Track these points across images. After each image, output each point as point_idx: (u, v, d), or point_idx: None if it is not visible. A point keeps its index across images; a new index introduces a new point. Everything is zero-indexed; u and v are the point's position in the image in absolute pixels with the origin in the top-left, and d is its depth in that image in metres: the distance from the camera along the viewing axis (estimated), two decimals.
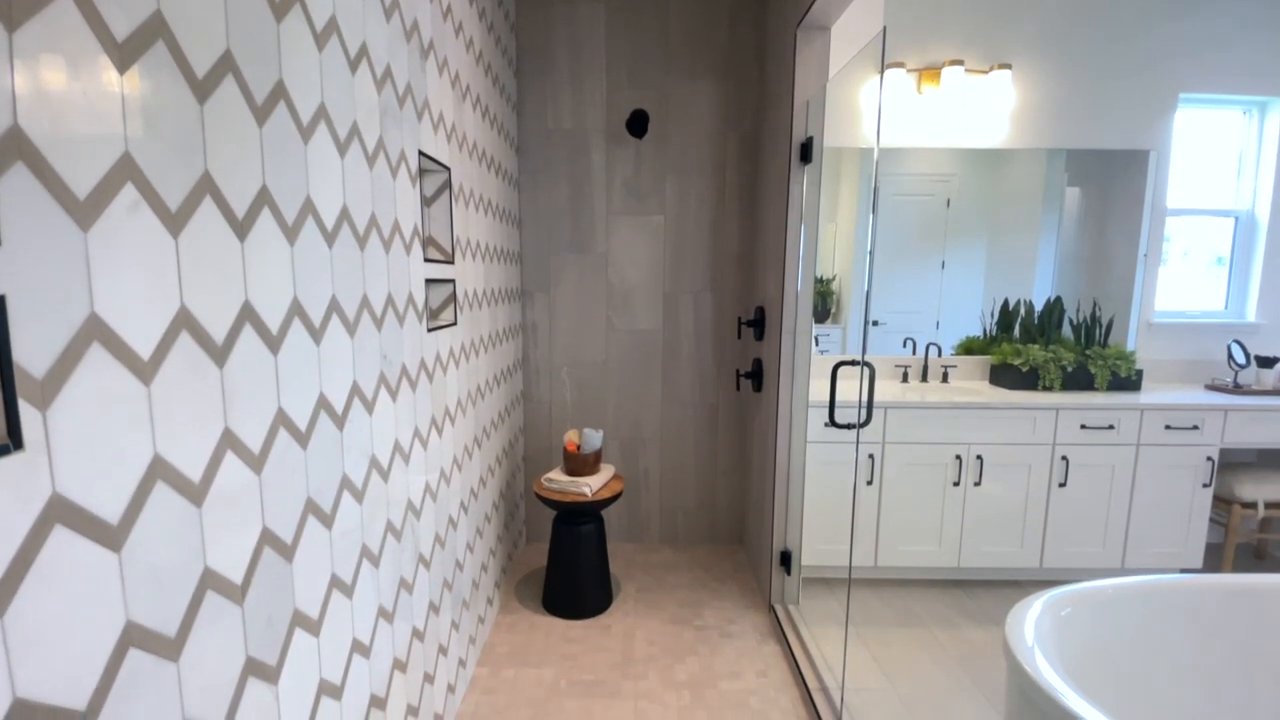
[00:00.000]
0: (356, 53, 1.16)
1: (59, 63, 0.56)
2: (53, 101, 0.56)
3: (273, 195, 0.89)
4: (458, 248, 1.84)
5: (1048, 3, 2.76)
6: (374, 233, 1.24)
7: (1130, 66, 2.82)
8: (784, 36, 2.30)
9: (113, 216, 0.62)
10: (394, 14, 1.34)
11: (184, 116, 0.72)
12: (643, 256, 2.86)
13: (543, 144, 2.79)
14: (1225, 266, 3.08)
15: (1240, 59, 2.83)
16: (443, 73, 1.69)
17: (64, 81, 0.57)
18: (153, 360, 0.67)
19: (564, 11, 2.70)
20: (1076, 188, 2.95)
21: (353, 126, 1.14)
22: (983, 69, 2.77)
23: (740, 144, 2.79)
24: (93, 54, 0.60)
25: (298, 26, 0.96)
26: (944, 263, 3.03)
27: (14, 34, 0.52)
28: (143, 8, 0.66)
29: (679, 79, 2.74)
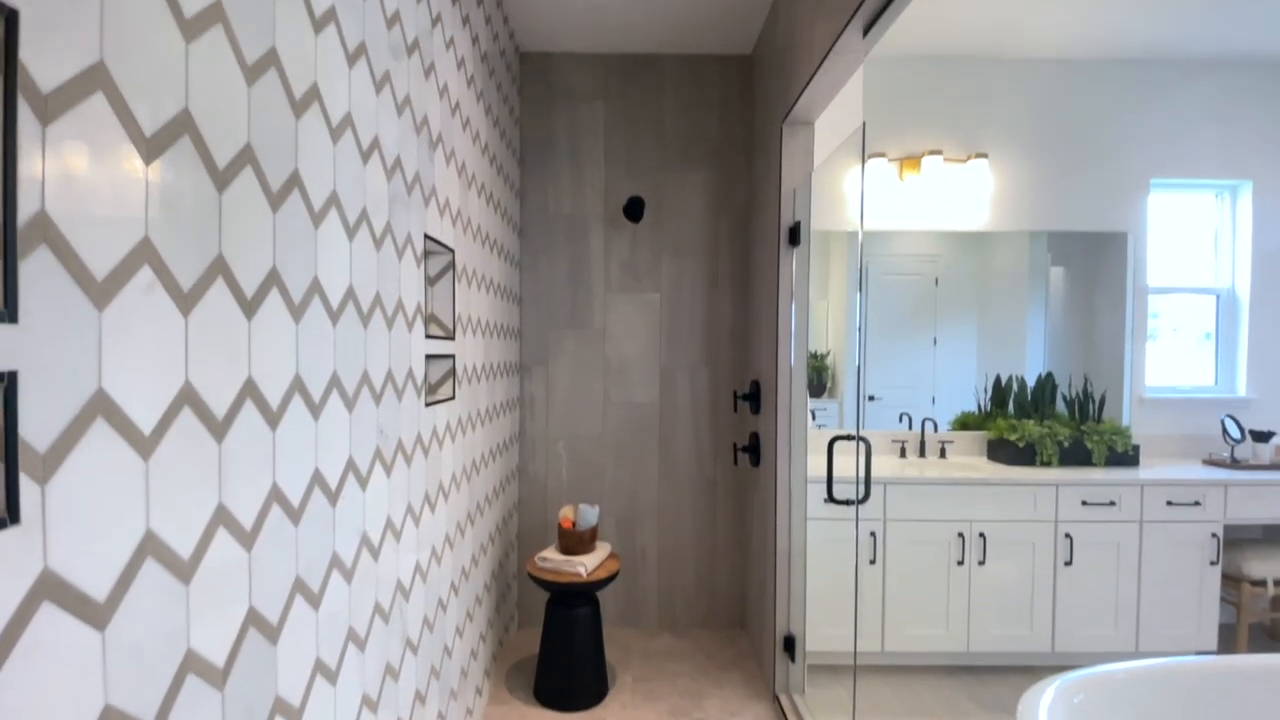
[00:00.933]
0: (369, 145, 1.24)
1: (89, 153, 0.61)
2: (80, 188, 0.60)
3: (282, 276, 0.93)
4: (459, 324, 1.89)
5: (1018, 96, 2.96)
6: (378, 311, 1.28)
7: (1101, 153, 2.98)
8: (770, 130, 2.44)
9: (128, 296, 0.65)
10: (405, 110, 1.43)
11: (203, 203, 0.76)
12: (639, 332, 2.92)
13: (544, 227, 2.90)
14: (1213, 342, 3.14)
15: (1207, 146, 3.00)
16: (450, 162, 1.79)
17: (92, 170, 0.61)
18: (154, 435, 0.68)
19: (565, 108, 2.88)
20: (1060, 267, 3.06)
21: (362, 212, 1.21)
22: (961, 158, 2.93)
23: (732, 227, 2.91)
24: (121, 146, 0.64)
25: (315, 122, 1.03)
26: (936, 339, 3.09)
27: (48, 127, 0.56)
28: (171, 106, 0.71)
29: (673, 169, 2.89)
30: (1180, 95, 2.97)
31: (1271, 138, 3.00)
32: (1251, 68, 2.96)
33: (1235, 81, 2.97)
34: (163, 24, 0.69)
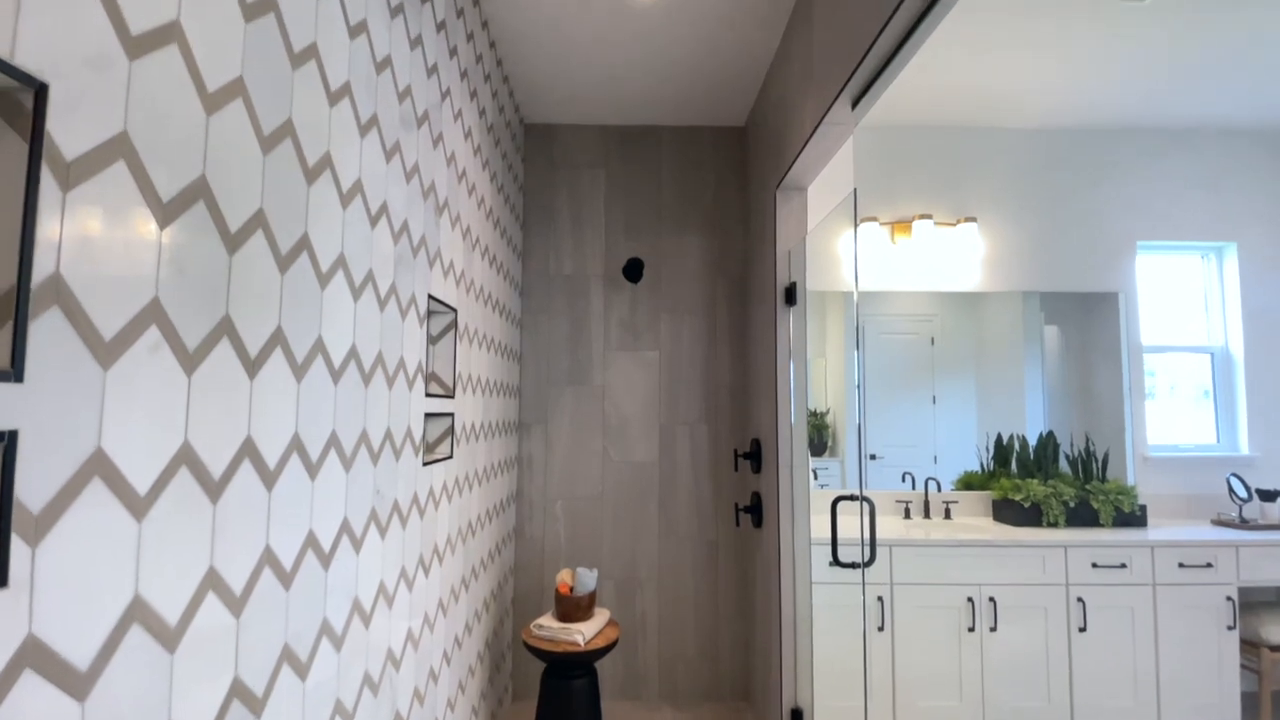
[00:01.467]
0: (378, 210, 1.27)
1: (106, 217, 0.63)
2: (94, 251, 0.61)
3: (286, 336, 0.94)
4: (459, 383, 1.89)
5: (1004, 163, 3.07)
6: (379, 370, 1.29)
7: (1087, 217, 3.07)
8: (765, 196, 2.52)
9: (134, 356, 0.65)
10: (414, 177, 1.49)
11: (213, 265, 0.78)
12: (639, 389, 2.92)
13: (545, 287, 2.95)
14: (1211, 400, 3.14)
15: (1190, 210, 3.09)
16: (455, 226, 1.84)
17: (108, 234, 0.63)
18: (149, 496, 0.67)
19: (567, 175, 2.98)
20: (1054, 326, 3.09)
21: (368, 274, 1.23)
22: (950, 221, 3.01)
23: (729, 288, 2.96)
24: (138, 211, 0.66)
25: (326, 188, 1.06)
26: (935, 397, 3.09)
27: (68, 193, 0.58)
28: (189, 173, 0.74)
29: (671, 232, 2.97)
30: (1162, 162, 3.09)
31: (1253, 201, 3.09)
32: (1231, 135, 3.08)
33: (1216, 149, 3.09)
34: (186, 97, 0.73)
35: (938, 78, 2.62)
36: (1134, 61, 2.47)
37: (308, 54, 0.99)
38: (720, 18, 2.16)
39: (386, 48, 1.31)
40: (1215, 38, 2.30)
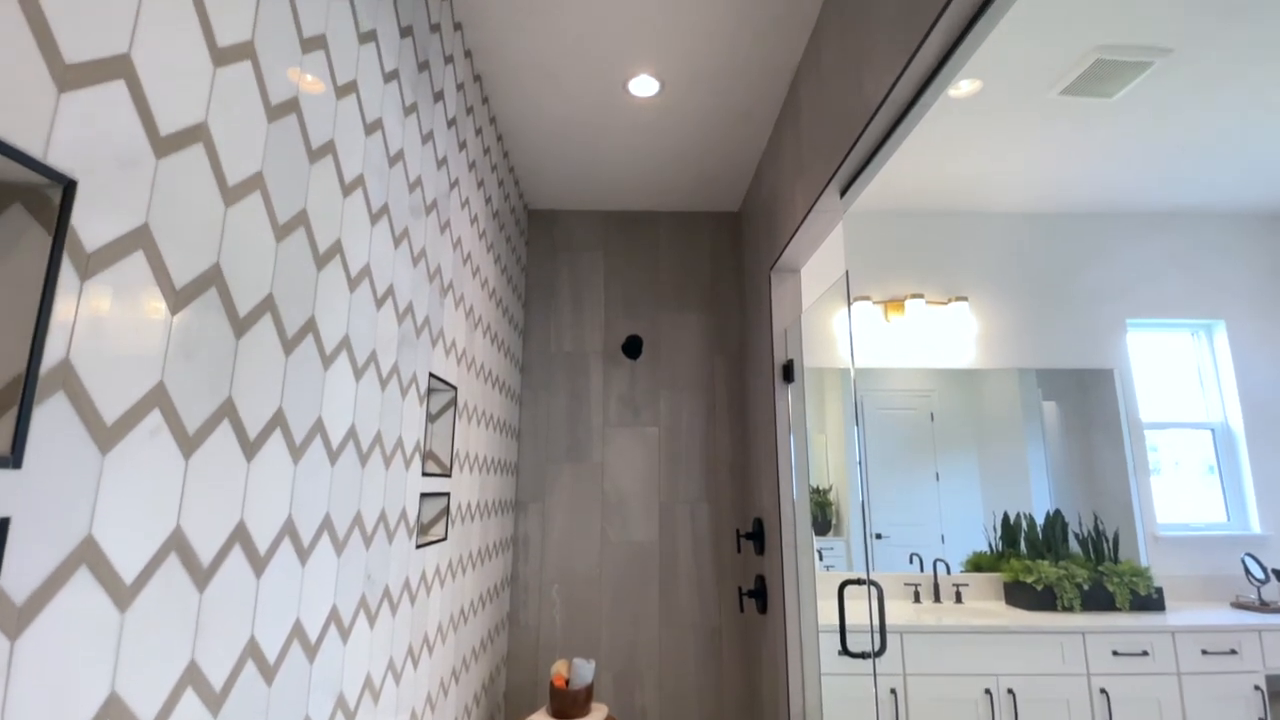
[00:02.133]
0: (384, 292, 1.31)
1: (119, 304, 0.64)
2: (105, 336, 0.62)
3: (286, 417, 0.94)
4: (456, 461, 1.87)
5: (991, 245, 3.18)
6: (377, 449, 1.28)
7: (1076, 296, 3.14)
8: (759, 276, 2.60)
9: (133, 440, 0.65)
10: (421, 261, 1.53)
11: (220, 349, 0.79)
12: (638, 465, 2.89)
13: (545, 364, 2.98)
14: (1216, 475, 3.10)
15: (1176, 289, 3.17)
16: (459, 306, 1.88)
17: (119, 320, 0.64)
18: (135, 585, 0.65)
19: (568, 257, 3.07)
20: (1052, 402, 3.10)
21: (371, 354, 1.25)
22: (942, 300, 3.08)
23: (727, 364, 2.99)
24: (151, 298, 0.68)
25: (335, 273, 1.10)
26: (938, 474, 3.05)
27: (85, 281, 0.60)
28: (204, 261, 0.77)
29: (669, 311, 3.03)
30: (1143, 243, 3.20)
31: (1236, 280, 3.18)
32: (1208, 218, 3.21)
33: (1195, 230, 3.20)
34: (207, 191, 0.77)
35: (921, 167, 2.76)
36: (1107, 151, 2.61)
37: (325, 149, 1.05)
38: (713, 113, 2.30)
39: (400, 142, 1.38)
40: (1182, 130, 2.44)
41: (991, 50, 2.01)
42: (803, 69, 1.98)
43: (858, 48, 1.50)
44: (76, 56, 0.58)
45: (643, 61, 2.01)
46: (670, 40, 1.92)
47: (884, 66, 1.34)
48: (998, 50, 2.00)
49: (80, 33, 0.58)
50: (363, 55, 1.19)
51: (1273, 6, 1.79)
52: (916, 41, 1.18)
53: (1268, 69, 2.05)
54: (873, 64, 1.41)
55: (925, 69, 1.24)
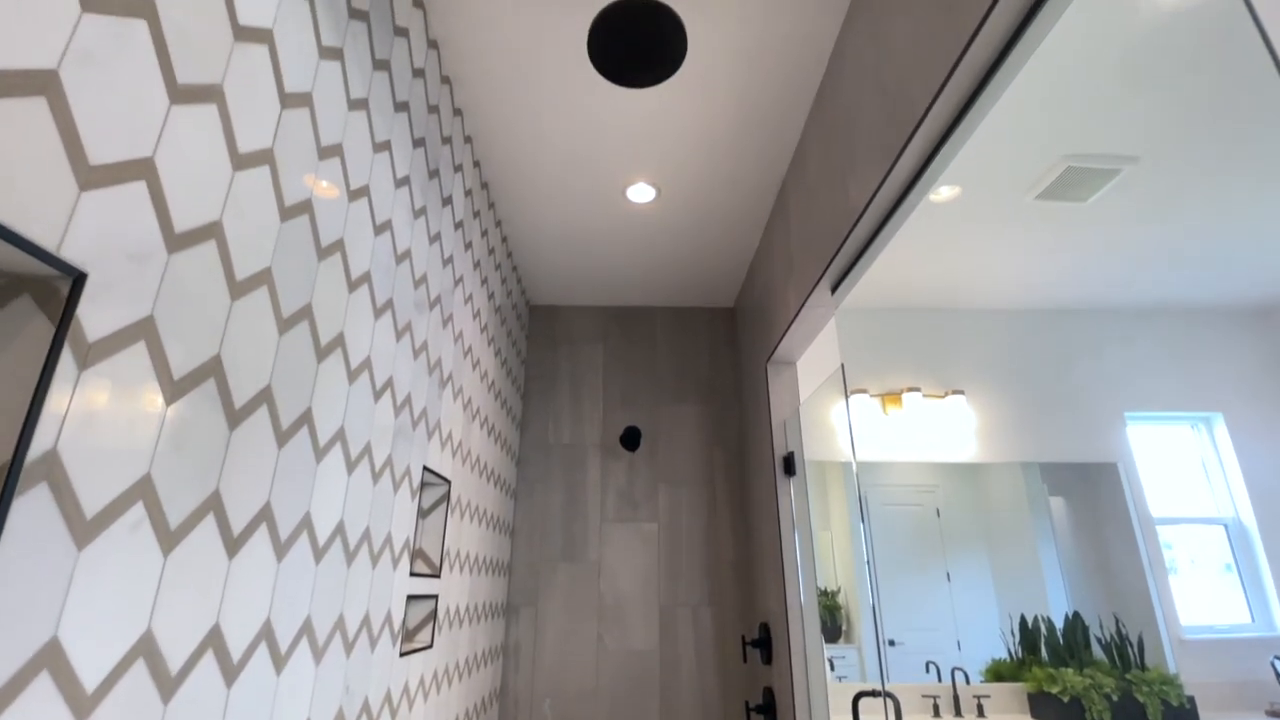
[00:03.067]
0: (383, 385, 1.31)
1: (115, 395, 0.64)
2: (96, 427, 0.62)
3: (273, 512, 0.91)
4: (446, 560, 1.80)
5: (985, 340, 3.23)
6: (364, 547, 1.23)
7: (1073, 390, 3.16)
8: (756, 369, 2.62)
9: (112, 535, 0.63)
10: (422, 354, 1.55)
11: (212, 441, 0.78)
12: (637, 564, 2.77)
13: (543, 456, 2.94)
14: (1234, 573, 2.98)
15: (1171, 382, 3.18)
16: (457, 398, 1.88)
17: (113, 411, 0.64)
18: (96, 694, 0.61)
19: (567, 350, 3.12)
20: (1059, 497, 3.04)
21: (365, 446, 1.23)
22: (939, 394, 3.09)
23: (726, 457, 2.95)
24: (148, 389, 0.68)
25: (335, 365, 1.10)
26: (949, 574, 2.94)
27: (84, 371, 0.61)
28: (204, 353, 0.77)
29: (667, 402, 3.03)
30: (1138, 337, 3.25)
31: (1231, 374, 3.20)
32: (1196, 312, 3.28)
33: (1185, 325, 3.27)
34: (215, 285, 0.79)
35: (909, 264, 2.86)
36: (1087, 250, 2.71)
37: (334, 248, 1.09)
38: (707, 216, 2.41)
39: (408, 242, 1.44)
40: (1157, 230, 2.55)
41: (968, 158, 2.13)
42: (790, 176, 2.10)
43: (841, 157, 1.60)
44: (101, 159, 0.62)
45: (640, 171, 2.14)
46: (666, 152, 2.04)
47: (866, 175, 1.42)
48: (973, 158, 2.13)
49: (107, 137, 0.62)
50: (376, 162, 1.26)
51: (1233, 114, 1.92)
52: (896, 151, 1.26)
53: (1234, 173, 2.17)
54: (856, 172, 1.49)
55: (906, 176, 1.32)
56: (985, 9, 0.95)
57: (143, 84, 0.66)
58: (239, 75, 0.81)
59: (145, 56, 0.66)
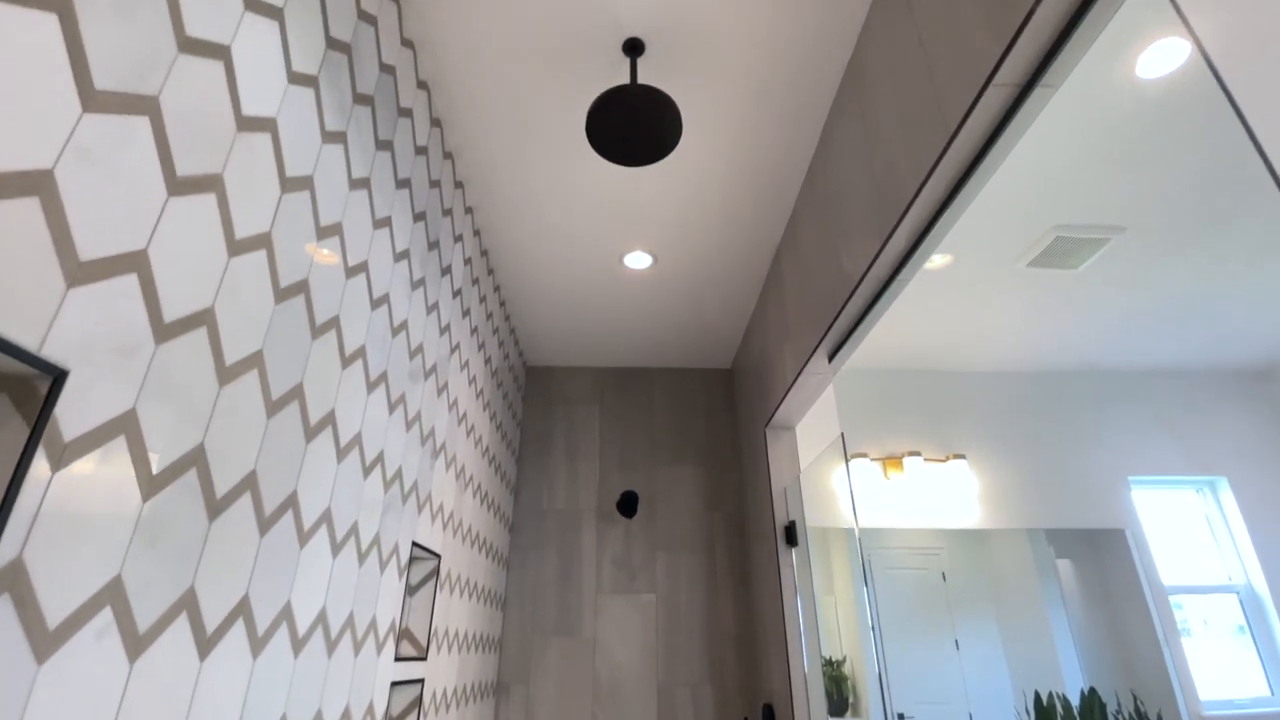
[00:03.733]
0: (373, 460, 1.28)
1: (87, 496, 0.61)
2: (66, 530, 0.59)
3: (251, 605, 0.87)
4: (434, 639, 1.72)
5: (983, 402, 3.21)
6: (347, 634, 1.18)
7: (1075, 454, 3.12)
8: (755, 433, 2.59)
9: (76, 644, 0.59)
10: (415, 425, 1.53)
11: (190, 535, 0.75)
12: (634, 639, 2.66)
13: (537, 522, 2.86)
14: (1248, 635, 2.88)
15: (1173, 445, 3.15)
16: (450, 467, 1.84)
17: (84, 512, 0.61)
18: None
19: (564, 412, 3.09)
20: (1067, 560, 2.96)
21: (353, 526, 1.19)
22: (940, 458, 3.06)
23: (726, 523, 2.88)
24: (125, 486, 0.66)
25: (324, 444, 1.08)
26: (957, 642, 2.83)
27: (57, 472, 0.58)
28: (188, 442, 0.75)
29: (665, 465, 2.99)
30: (1137, 401, 3.24)
31: (1234, 436, 3.18)
32: (1197, 375, 3.28)
33: (1185, 388, 3.27)
34: (204, 372, 0.77)
35: (905, 328, 2.87)
36: (1080, 315, 2.73)
37: (329, 325, 1.08)
38: (703, 282, 2.44)
39: (405, 314, 1.44)
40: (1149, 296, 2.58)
41: (957, 228, 2.17)
42: (784, 245, 2.13)
43: (833, 229, 1.62)
44: (92, 254, 0.61)
45: (637, 240, 2.17)
46: (662, 222, 2.08)
47: (859, 248, 1.44)
48: (963, 228, 2.17)
49: (100, 233, 0.62)
50: (376, 238, 1.27)
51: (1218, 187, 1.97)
52: (889, 228, 1.28)
53: (1220, 240, 2.21)
54: (849, 245, 1.51)
55: (900, 250, 1.33)
56: (970, 102, 0.98)
57: (141, 178, 0.66)
58: (240, 164, 0.82)
59: (145, 151, 0.67)
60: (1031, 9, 0.84)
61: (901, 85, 1.23)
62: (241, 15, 0.82)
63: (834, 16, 1.41)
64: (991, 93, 0.95)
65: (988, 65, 0.93)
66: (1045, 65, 0.90)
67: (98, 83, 0.61)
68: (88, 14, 0.59)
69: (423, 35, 1.45)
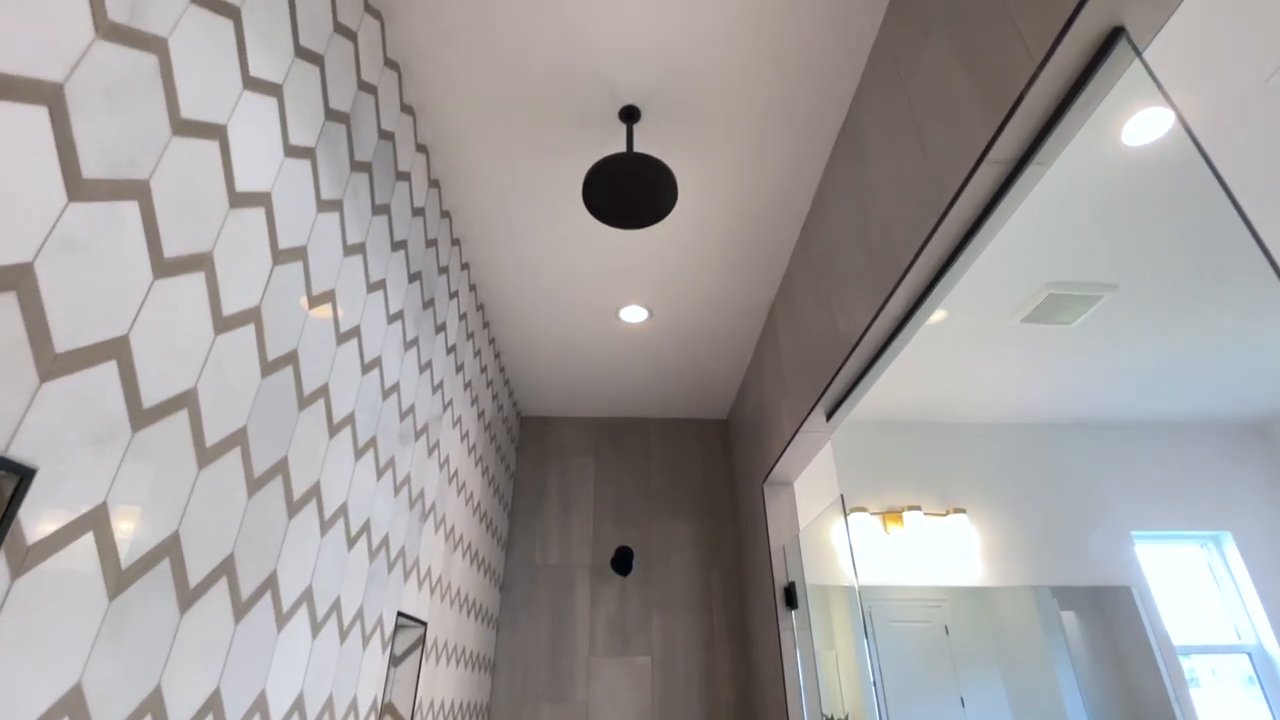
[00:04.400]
0: (359, 529, 1.24)
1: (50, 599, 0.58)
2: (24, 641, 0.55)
3: (222, 699, 0.82)
4: (419, 713, 1.64)
5: (983, 454, 3.18)
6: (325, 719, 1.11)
7: (1077, 508, 3.08)
8: (753, 488, 2.55)
9: None
10: (404, 489, 1.49)
11: (159, 629, 0.71)
12: (628, 706, 2.56)
13: (528, 579, 2.78)
14: (1257, 686, 2.80)
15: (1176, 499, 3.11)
16: (439, 529, 1.79)
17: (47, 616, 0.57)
18: None
19: (558, 463, 3.04)
20: (1071, 611, 2.89)
21: (334, 602, 1.14)
22: (940, 512, 3.01)
23: (724, 581, 2.81)
24: (90, 584, 0.62)
25: (308, 518, 1.04)
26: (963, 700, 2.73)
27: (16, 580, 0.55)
28: (161, 532, 0.71)
29: (661, 519, 2.92)
30: (1141, 453, 3.21)
31: (1236, 490, 3.14)
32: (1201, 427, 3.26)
33: (1190, 440, 3.24)
34: (183, 456, 0.74)
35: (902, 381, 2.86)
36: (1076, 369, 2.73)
37: (318, 394, 1.06)
38: (699, 335, 2.43)
39: (396, 375, 1.41)
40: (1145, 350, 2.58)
41: None
42: (779, 300, 2.13)
43: (829, 290, 1.62)
44: (70, 345, 0.59)
45: (633, 294, 2.17)
46: (658, 278, 2.08)
47: (856, 311, 1.43)
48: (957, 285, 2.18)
49: (80, 324, 0.60)
50: (370, 301, 1.26)
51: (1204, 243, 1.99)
52: (885, 293, 1.28)
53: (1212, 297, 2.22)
54: (845, 307, 1.51)
55: (896, 315, 1.33)
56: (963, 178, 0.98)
57: (126, 263, 0.65)
58: (231, 240, 0.81)
59: (133, 236, 0.65)
60: (1023, 91, 0.85)
61: (895, 153, 1.25)
62: (240, 95, 0.82)
63: (827, 83, 1.44)
64: (985, 169, 0.95)
65: (980, 142, 0.94)
66: (1038, 144, 0.91)
67: (86, 171, 0.60)
68: (79, 104, 0.59)
69: (422, 101, 1.47)
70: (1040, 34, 0.81)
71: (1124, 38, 0.76)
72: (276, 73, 0.90)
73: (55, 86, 0.56)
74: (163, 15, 0.68)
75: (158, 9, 0.68)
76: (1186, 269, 2.08)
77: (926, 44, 1.11)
